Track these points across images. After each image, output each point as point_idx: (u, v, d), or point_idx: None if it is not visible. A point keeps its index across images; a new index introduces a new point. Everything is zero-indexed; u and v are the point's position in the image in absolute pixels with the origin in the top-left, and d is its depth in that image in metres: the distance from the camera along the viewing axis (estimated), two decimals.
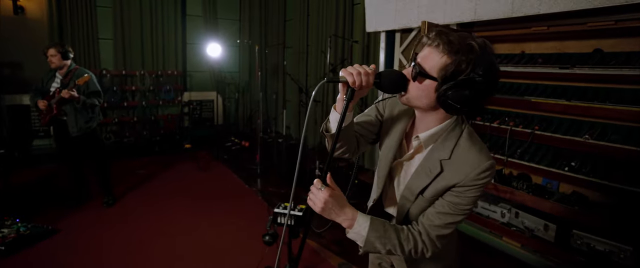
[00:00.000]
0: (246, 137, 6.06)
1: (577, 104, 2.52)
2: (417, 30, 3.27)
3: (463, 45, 0.88)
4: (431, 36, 0.93)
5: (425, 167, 1.03)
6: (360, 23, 4.51)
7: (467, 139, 1.00)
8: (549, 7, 2.20)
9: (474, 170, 0.95)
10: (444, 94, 0.90)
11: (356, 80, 0.93)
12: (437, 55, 0.90)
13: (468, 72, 0.87)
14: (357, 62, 4.61)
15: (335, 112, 1.05)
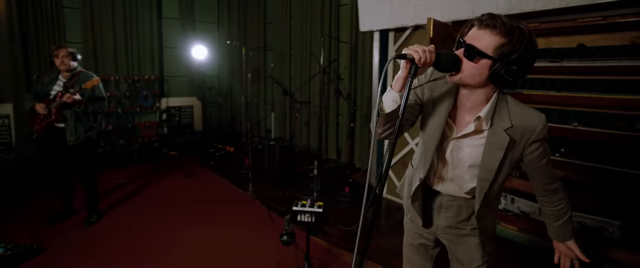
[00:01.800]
0: (230, 142, 5.90)
1: (566, 94, 2.73)
2: (411, 28, 3.38)
3: (514, 27, 1.00)
4: (484, 19, 1.03)
5: (494, 142, 1.12)
6: (347, 24, 4.58)
7: (515, 104, 1.13)
8: (545, 4, 2.37)
9: (539, 125, 1.09)
10: (500, 70, 1.01)
11: (422, 57, 1.01)
12: (490, 36, 1.01)
13: (521, 51, 0.99)
14: (346, 62, 4.67)
15: (392, 91, 1.10)
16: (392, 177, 3.82)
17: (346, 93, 4.65)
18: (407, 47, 1.04)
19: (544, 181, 1.21)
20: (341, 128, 4.87)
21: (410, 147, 3.57)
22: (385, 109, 1.13)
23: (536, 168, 1.17)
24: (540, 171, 1.18)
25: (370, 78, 4.24)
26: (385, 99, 1.13)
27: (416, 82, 1.25)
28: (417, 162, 1.32)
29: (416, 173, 1.31)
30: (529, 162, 1.17)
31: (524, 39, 0.99)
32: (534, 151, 1.13)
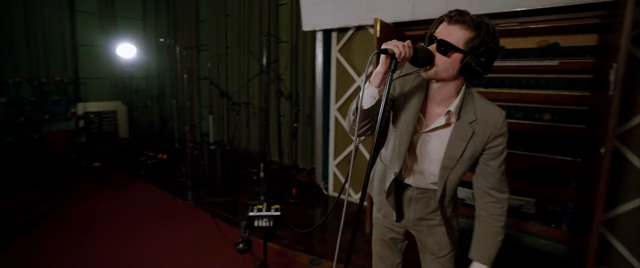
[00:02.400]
0: (162, 149, 5.43)
1: (492, 90, 3.05)
2: (353, 29, 3.47)
3: (481, 22, 1.07)
4: (453, 15, 1.08)
5: (459, 133, 1.18)
6: (286, 23, 4.54)
7: (479, 98, 1.20)
8: (479, 8, 2.61)
9: (500, 119, 1.16)
10: (470, 63, 1.08)
11: (402, 52, 1.04)
12: (460, 31, 1.07)
13: (488, 43, 1.07)
14: (286, 62, 4.62)
15: (371, 87, 1.11)
16: (339, 175, 3.87)
17: (288, 93, 4.60)
18: (386, 42, 1.06)
19: (495, 185, 1.21)
20: (284, 129, 4.80)
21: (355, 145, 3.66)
22: (364, 105, 1.14)
23: (493, 166, 1.19)
24: (496, 171, 1.19)
25: (313, 78, 4.27)
26: (364, 95, 1.14)
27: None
28: (390, 157, 1.32)
29: (389, 168, 1.32)
30: (487, 157, 1.19)
31: (490, 32, 1.07)
32: (496, 146, 1.17)
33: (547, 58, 2.81)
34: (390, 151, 1.32)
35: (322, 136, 3.93)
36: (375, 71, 1.10)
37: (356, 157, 3.68)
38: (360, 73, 3.52)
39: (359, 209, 1.18)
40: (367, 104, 1.13)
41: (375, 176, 1.47)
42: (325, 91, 3.84)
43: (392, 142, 1.30)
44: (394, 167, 1.29)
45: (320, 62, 3.77)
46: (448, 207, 1.33)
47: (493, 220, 1.23)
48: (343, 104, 3.70)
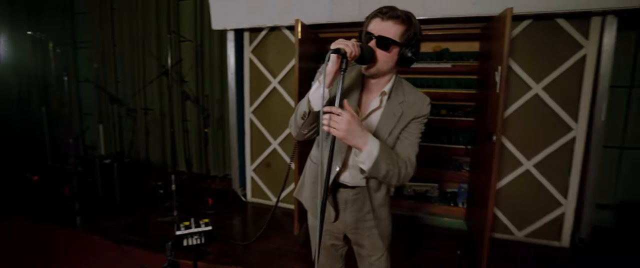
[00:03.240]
0: (30, 169, 4.40)
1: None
2: (267, 29, 3.40)
3: (409, 15, 1.18)
4: (386, 12, 1.16)
5: (390, 112, 1.26)
6: (189, 20, 4.18)
7: (407, 84, 1.30)
8: None
9: (423, 103, 1.26)
10: (407, 53, 1.18)
11: (353, 51, 1.06)
12: (394, 26, 1.15)
13: (418, 34, 1.19)
14: (190, 63, 4.26)
15: (321, 88, 1.12)
16: (257, 179, 3.75)
17: (193, 97, 4.25)
18: (335, 42, 1.07)
19: (409, 153, 1.24)
20: (191, 135, 4.41)
21: (273, 148, 3.60)
22: (314, 107, 1.15)
23: (410, 138, 1.25)
24: (412, 141, 1.25)
25: (222, 79, 4.04)
26: (313, 97, 1.15)
27: (318, 75, 1.27)
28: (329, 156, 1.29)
29: (332, 166, 1.22)
30: (408, 131, 1.25)
31: (417, 24, 1.18)
32: (419, 123, 1.26)
33: (442, 61, 3.24)
34: (325, 146, 1.26)
35: (237, 140, 3.75)
36: (327, 69, 1.09)
37: (274, 161, 3.62)
38: (275, 74, 3.47)
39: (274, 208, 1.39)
40: (318, 105, 1.15)
41: (306, 179, 1.44)
42: (239, 93, 3.67)
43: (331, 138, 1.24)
44: (337, 163, 1.29)
45: (232, 63, 3.59)
46: (382, 206, 1.38)
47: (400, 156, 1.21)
48: (258, 106, 3.60)
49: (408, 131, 1.26)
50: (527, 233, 2.94)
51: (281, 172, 3.62)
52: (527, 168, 2.85)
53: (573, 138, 2.73)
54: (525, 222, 2.95)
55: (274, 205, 1.61)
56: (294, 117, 1.24)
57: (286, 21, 3.16)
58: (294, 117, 1.24)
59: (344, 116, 1.05)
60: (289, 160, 1.56)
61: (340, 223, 1.40)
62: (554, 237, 2.89)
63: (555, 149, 2.78)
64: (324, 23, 3.03)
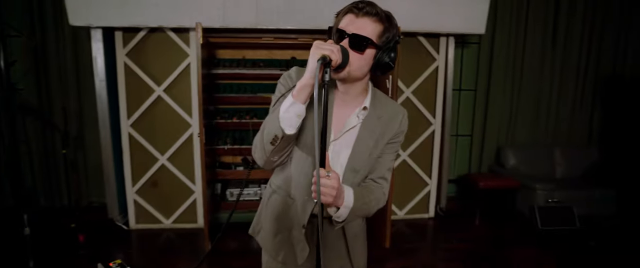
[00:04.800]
0: None
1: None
2: (147, 30, 2.97)
3: (387, 13, 0.97)
4: (363, 7, 0.93)
5: (368, 129, 1.06)
6: (18, 10, 3.23)
7: (381, 94, 1.11)
8: (285, 23, 2.92)
9: (402, 117, 1.10)
10: (384, 58, 0.96)
11: (337, 57, 0.86)
12: (371, 24, 0.93)
13: (396, 36, 0.98)
14: (25, 65, 3.29)
15: (296, 104, 0.90)
16: (142, 202, 3.23)
17: (34, 109, 3.30)
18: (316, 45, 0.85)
19: (383, 174, 1.11)
20: (36, 159, 3.41)
21: (161, 164, 3.18)
22: (286, 130, 0.92)
23: (387, 159, 1.10)
24: (388, 162, 1.11)
25: (79, 88, 3.30)
26: (286, 116, 0.91)
27: (283, 88, 1.05)
28: (296, 182, 1.09)
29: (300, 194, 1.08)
30: (384, 151, 1.09)
31: (396, 24, 0.98)
32: (396, 142, 1.10)
33: None
34: (296, 174, 1.08)
35: (113, 160, 3.14)
36: (301, 84, 0.89)
37: (162, 179, 3.21)
38: (159, 81, 3.08)
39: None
40: (293, 127, 0.92)
41: (268, 213, 1.17)
42: (112, 104, 3.08)
43: (299, 162, 1.07)
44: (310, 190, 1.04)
45: (101, 68, 2.97)
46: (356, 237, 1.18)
47: (372, 191, 1.08)
48: (139, 118, 3.11)
49: (387, 149, 1.09)
50: (407, 211, 3.58)
51: (172, 191, 3.23)
52: (404, 159, 3.46)
53: (433, 131, 3.48)
54: (405, 203, 3.57)
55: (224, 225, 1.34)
56: (260, 140, 0.99)
57: (173, 22, 2.85)
58: (260, 141, 0.99)
59: (334, 179, 0.89)
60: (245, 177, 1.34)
61: (308, 262, 1.14)
62: (424, 210, 3.61)
63: (422, 141, 3.48)
64: (217, 28, 2.88)
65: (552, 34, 3.92)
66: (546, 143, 4.12)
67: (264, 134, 0.97)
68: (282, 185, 1.13)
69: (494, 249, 3.03)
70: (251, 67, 3.35)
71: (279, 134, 0.92)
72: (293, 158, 1.08)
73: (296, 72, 1.06)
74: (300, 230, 1.10)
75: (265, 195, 1.22)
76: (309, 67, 0.86)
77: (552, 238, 3.19)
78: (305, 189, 1.07)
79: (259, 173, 3.40)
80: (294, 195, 1.10)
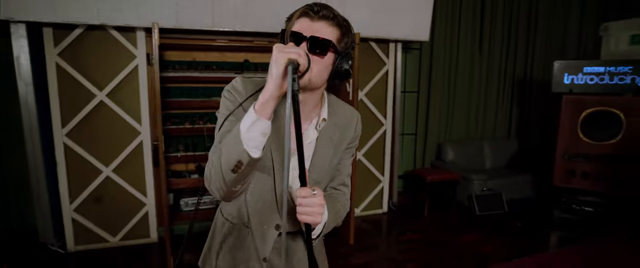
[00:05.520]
0: None
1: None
2: (84, 28, 2.66)
3: (344, 18, 0.90)
4: (318, 10, 0.85)
5: (327, 137, 1.00)
6: None
7: (335, 99, 1.04)
8: (242, 25, 2.85)
9: (357, 120, 1.06)
10: (342, 65, 0.88)
11: (304, 61, 0.77)
12: (328, 28, 0.86)
13: (353, 42, 0.92)
14: None
15: (261, 121, 0.77)
16: (82, 221, 2.88)
17: None
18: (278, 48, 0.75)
19: (344, 181, 1.08)
20: None
21: (105, 176, 2.88)
22: (252, 152, 0.78)
23: (345, 165, 1.07)
24: (346, 168, 1.08)
25: None
26: (249, 136, 0.77)
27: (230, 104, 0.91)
28: (253, 209, 0.98)
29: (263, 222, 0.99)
30: (342, 157, 1.05)
31: (352, 30, 0.92)
32: (352, 147, 1.07)
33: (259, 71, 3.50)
34: (253, 198, 0.98)
35: (45, 176, 2.75)
36: (264, 97, 0.77)
37: (107, 193, 2.91)
38: (101, 86, 2.78)
39: None
40: (259, 149, 0.79)
41: (220, 244, 1.06)
42: (42, 112, 2.70)
43: (260, 188, 0.96)
44: (271, 218, 0.99)
45: (26, 69, 2.58)
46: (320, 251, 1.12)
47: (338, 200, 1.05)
48: (77, 126, 2.77)
49: (344, 155, 1.05)
50: (363, 208, 3.75)
51: (119, 205, 2.95)
52: (359, 158, 3.63)
53: (384, 130, 3.70)
54: (361, 200, 3.74)
55: None
56: (216, 169, 0.82)
57: (118, 20, 2.60)
58: (217, 170, 0.82)
59: (319, 196, 0.81)
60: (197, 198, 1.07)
61: None
62: (379, 206, 3.83)
63: (375, 140, 3.68)
64: (170, 28, 2.70)
65: (479, 41, 4.43)
66: (476, 138, 4.65)
67: (221, 162, 0.80)
68: (234, 213, 1.02)
69: (443, 236, 3.34)
70: (204, 69, 3.21)
71: (243, 158, 0.78)
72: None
73: (243, 84, 0.93)
74: (261, 263, 1.00)
75: (216, 224, 1.08)
76: (273, 75, 0.74)
77: (488, 222, 3.63)
78: (264, 217, 0.98)
79: None
80: (251, 224, 0.99)
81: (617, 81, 3.33)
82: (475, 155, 4.46)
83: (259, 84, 0.93)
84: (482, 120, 4.65)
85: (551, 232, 3.47)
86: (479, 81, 4.54)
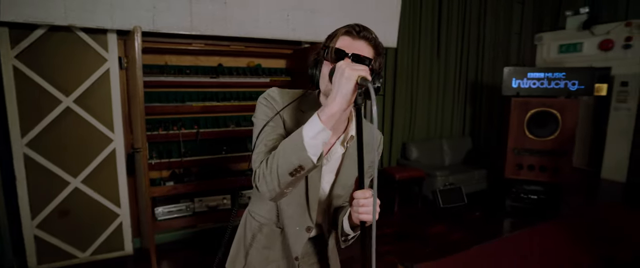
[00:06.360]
0: None
1: (225, 104, 3.38)
2: (46, 28, 2.46)
3: (378, 39, 0.96)
4: (360, 30, 0.92)
5: (351, 157, 1.04)
6: None
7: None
8: (221, 29, 2.83)
9: (380, 141, 1.12)
10: (374, 82, 0.89)
11: (370, 79, 0.80)
12: (367, 47, 0.92)
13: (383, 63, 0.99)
14: None
15: (325, 131, 0.81)
16: (47, 237, 2.66)
17: None
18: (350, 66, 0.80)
19: None
20: None
21: (73, 188, 2.69)
22: (314, 159, 0.82)
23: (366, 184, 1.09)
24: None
25: None
26: (312, 143, 0.81)
27: (268, 111, 0.99)
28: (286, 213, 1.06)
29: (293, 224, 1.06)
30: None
31: (384, 51, 0.97)
32: (371, 168, 1.04)
33: (259, 76, 3.56)
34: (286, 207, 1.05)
35: (2, 189, 2.50)
36: (331, 110, 0.81)
37: (75, 206, 2.72)
38: (68, 91, 2.60)
39: None
40: (317, 156, 0.83)
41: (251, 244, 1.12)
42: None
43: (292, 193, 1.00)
44: (303, 221, 1.05)
45: None
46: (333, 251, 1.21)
47: None
48: (40, 135, 2.56)
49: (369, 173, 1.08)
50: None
51: (89, 218, 2.77)
52: None
53: None
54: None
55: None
56: (273, 171, 0.86)
57: (89, 22, 2.45)
58: (273, 172, 0.86)
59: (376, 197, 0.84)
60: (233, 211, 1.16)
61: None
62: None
63: None
64: (146, 31, 2.61)
65: (436, 47, 4.80)
66: (436, 137, 5.02)
67: (279, 164, 0.84)
68: (267, 216, 1.10)
69: (413, 228, 3.59)
70: (178, 74, 3.14)
71: (306, 164, 0.82)
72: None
73: (279, 94, 1.01)
74: (293, 262, 1.09)
75: (246, 227, 1.15)
76: (345, 90, 0.78)
77: (451, 214, 3.96)
78: (296, 219, 1.05)
79: (189, 187, 3.21)
80: (283, 225, 1.08)
81: (554, 85, 3.84)
82: (436, 152, 4.82)
83: (292, 96, 1.02)
84: (440, 120, 5.04)
85: (504, 219, 3.90)
86: (438, 84, 4.91)
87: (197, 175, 3.37)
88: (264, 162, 0.89)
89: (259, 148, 0.94)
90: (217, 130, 3.38)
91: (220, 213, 3.34)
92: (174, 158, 3.19)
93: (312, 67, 0.99)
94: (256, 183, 0.90)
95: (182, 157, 3.19)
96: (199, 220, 3.26)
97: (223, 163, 3.51)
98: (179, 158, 3.20)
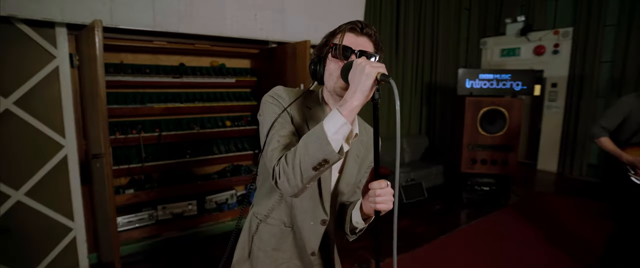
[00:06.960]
0: None
1: (188, 105, 3.22)
2: None
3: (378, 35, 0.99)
4: (362, 26, 0.95)
5: (354, 154, 1.07)
6: None
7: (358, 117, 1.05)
8: (187, 27, 2.67)
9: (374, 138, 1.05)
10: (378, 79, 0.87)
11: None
12: (370, 43, 0.96)
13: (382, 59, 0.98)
14: None
15: (347, 125, 0.82)
16: None
17: None
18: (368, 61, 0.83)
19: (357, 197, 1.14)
20: None
21: (15, 201, 2.37)
22: (336, 153, 0.82)
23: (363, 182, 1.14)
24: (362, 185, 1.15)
25: None
26: (335, 138, 0.81)
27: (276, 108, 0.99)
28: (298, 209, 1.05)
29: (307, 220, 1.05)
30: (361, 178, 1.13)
31: (382, 48, 1.00)
32: (369, 167, 1.12)
33: (224, 76, 3.44)
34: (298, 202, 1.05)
35: None
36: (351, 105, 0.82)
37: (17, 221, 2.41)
38: (6, 92, 2.28)
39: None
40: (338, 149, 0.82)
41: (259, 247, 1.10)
42: None
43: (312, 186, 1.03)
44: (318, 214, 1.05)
45: None
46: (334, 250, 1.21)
47: None
48: None
49: (363, 176, 1.13)
50: None
51: (35, 234, 2.46)
52: None
53: None
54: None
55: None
56: (294, 166, 0.84)
57: (34, 13, 2.18)
58: (296, 168, 0.84)
59: (390, 188, 0.90)
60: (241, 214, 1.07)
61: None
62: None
63: None
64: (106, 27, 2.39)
65: (395, 49, 5.00)
66: None
67: (302, 160, 0.83)
68: (276, 216, 1.08)
69: (381, 224, 3.70)
70: (136, 73, 2.92)
71: (331, 157, 0.81)
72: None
73: (285, 92, 1.02)
74: (309, 257, 1.09)
75: (251, 230, 1.12)
76: (365, 86, 0.80)
77: (414, 208, 4.15)
78: (310, 214, 1.04)
79: (151, 194, 3.00)
80: (294, 222, 1.07)
81: (501, 86, 4.19)
82: None
83: (296, 93, 1.04)
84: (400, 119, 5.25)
85: (461, 211, 4.17)
86: (396, 84, 5.10)
87: (159, 181, 3.17)
88: (283, 159, 0.87)
89: (273, 145, 0.92)
90: (181, 133, 3.22)
91: (185, 221, 3.18)
92: (134, 164, 2.97)
93: (314, 64, 1.01)
94: (277, 180, 0.88)
95: (143, 163, 2.98)
96: (163, 229, 3.06)
97: (187, 167, 3.33)
98: (140, 164, 2.98)
